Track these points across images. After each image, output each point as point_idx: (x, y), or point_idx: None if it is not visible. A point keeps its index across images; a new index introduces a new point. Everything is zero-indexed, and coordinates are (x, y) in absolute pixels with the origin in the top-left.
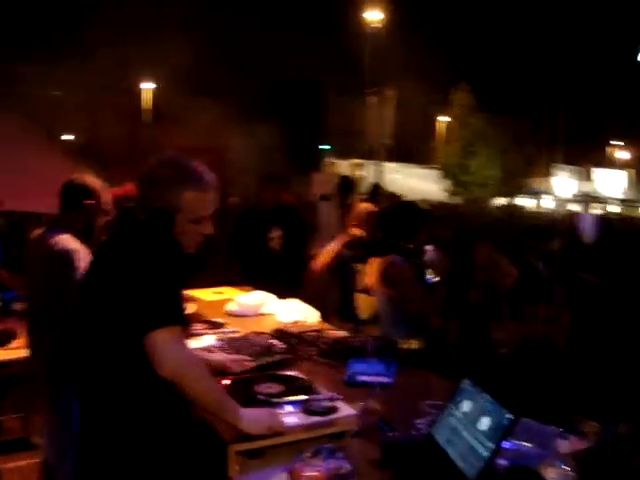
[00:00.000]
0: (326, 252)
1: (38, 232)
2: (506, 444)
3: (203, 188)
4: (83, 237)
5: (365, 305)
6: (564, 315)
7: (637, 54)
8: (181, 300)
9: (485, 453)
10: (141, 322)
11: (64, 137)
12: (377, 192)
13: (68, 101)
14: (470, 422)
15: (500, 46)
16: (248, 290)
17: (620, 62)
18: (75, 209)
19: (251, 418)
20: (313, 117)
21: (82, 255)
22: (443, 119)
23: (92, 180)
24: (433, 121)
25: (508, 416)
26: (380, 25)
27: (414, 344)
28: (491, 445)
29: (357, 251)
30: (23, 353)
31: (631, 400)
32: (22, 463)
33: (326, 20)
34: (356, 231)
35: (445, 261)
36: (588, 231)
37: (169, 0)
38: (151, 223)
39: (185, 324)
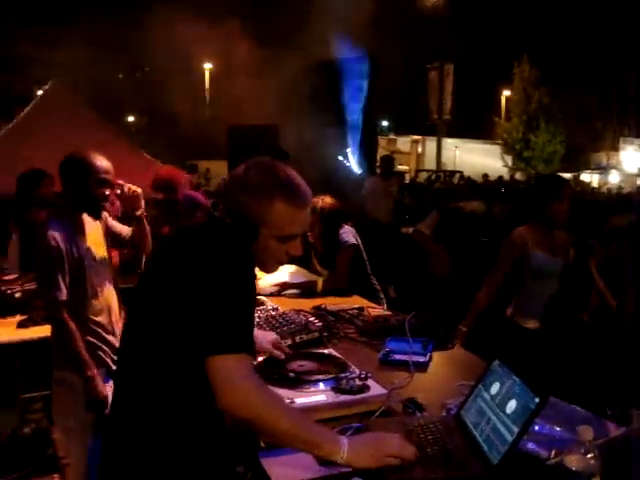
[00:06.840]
0: None
1: None
2: (536, 427)
3: (296, 202)
4: (85, 210)
5: None
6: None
7: None
8: (252, 327)
9: (510, 437)
10: (207, 342)
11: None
12: (391, 167)
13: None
14: (497, 405)
15: (565, 16)
16: None
17: None
18: (67, 184)
19: (354, 447)
20: (370, 92)
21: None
22: (506, 93)
23: (87, 154)
24: (495, 95)
25: (536, 400)
26: None
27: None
28: (516, 429)
29: None
30: None
31: None
32: None
33: None
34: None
35: None
36: None
37: None
38: (234, 232)
39: (253, 355)
